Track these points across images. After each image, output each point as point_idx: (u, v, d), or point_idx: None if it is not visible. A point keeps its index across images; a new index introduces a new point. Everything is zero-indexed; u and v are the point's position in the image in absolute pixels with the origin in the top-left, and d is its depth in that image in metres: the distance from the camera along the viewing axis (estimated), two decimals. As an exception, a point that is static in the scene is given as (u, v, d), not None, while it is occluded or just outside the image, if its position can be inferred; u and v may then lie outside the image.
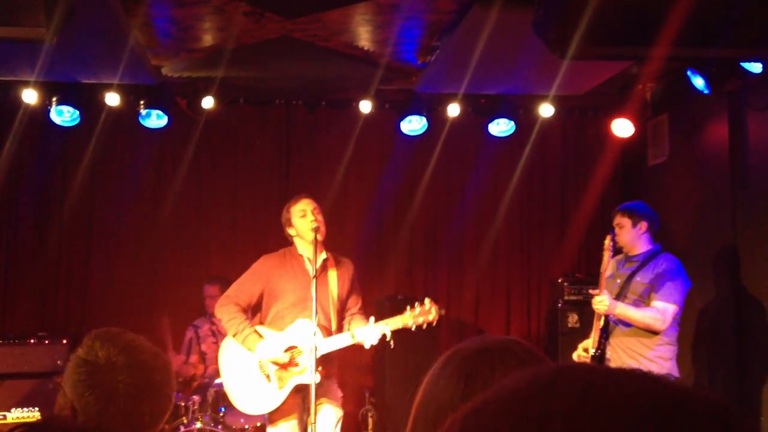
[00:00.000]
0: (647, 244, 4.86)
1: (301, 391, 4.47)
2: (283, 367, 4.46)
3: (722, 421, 0.57)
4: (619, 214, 4.88)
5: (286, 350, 4.46)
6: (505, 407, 0.61)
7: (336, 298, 4.65)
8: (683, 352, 5.40)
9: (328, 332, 4.56)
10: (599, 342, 4.80)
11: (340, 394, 4.71)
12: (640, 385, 0.59)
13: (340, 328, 4.66)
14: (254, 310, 4.73)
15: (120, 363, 1.76)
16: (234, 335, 4.52)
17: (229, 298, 4.61)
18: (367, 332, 4.42)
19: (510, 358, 1.26)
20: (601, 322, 4.79)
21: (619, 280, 4.88)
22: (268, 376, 4.48)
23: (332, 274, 4.69)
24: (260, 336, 4.50)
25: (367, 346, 4.47)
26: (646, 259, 4.83)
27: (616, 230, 4.89)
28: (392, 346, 4.41)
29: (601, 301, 4.65)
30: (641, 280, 4.72)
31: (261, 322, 4.65)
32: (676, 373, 4.70)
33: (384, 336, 4.40)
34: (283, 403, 4.49)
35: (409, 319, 4.44)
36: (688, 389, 0.59)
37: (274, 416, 4.54)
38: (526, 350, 1.30)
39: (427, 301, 4.51)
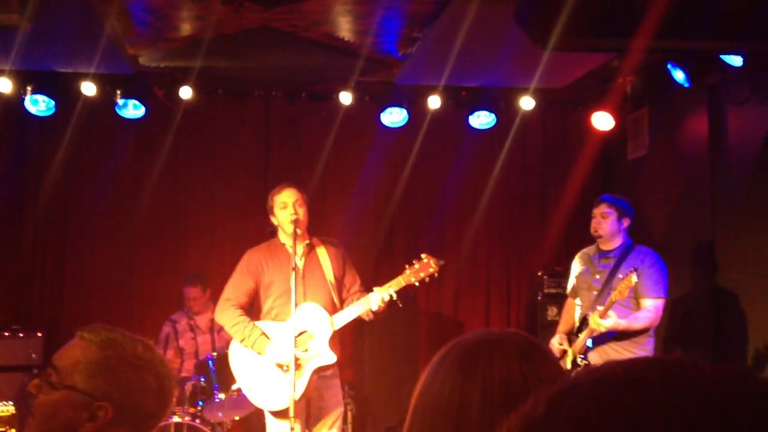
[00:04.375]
0: (623, 239, 4.90)
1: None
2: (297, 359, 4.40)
3: None
4: (606, 204, 4.87)
5: (297, 336, 4.40)
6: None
7: (333, 278, 4.63)
8: (660, 344, 5.43)
9: (334, 312, 4.55)
10: (585, 350, 4.78)
11: (341, 393, 4.76)
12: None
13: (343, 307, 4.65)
14: (252, 304, 4.69)
15: (149, 358, 1.78)
16: (242, 341, 4.48)
17: (227, 301, 4.56)
18: (373, 297, 4.40)
19: (510, 350, 1.22)
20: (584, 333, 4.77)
21: (598, 276, 4.88)
22: (283, 367, 4.44)
23: (323, 255, 4.67)
24: (267, 337, 4.45)
25: (374, 308, 4.41)
26: (623, 254, 4.86)
27: (599, 219, 4.87)
28: (401, 305, 4.42)
29: (607, 322, 4.56)
30: (623, 276, 4.70)
31: (259, 315, 4.60)
32: None
33: (391, 297, 4.39)
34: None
35: (411, 276, 4.49)
36: None
37: (278, 414, 4.48)
38: (528, 341, 1.26)
39: (423, 255, 4.55)
